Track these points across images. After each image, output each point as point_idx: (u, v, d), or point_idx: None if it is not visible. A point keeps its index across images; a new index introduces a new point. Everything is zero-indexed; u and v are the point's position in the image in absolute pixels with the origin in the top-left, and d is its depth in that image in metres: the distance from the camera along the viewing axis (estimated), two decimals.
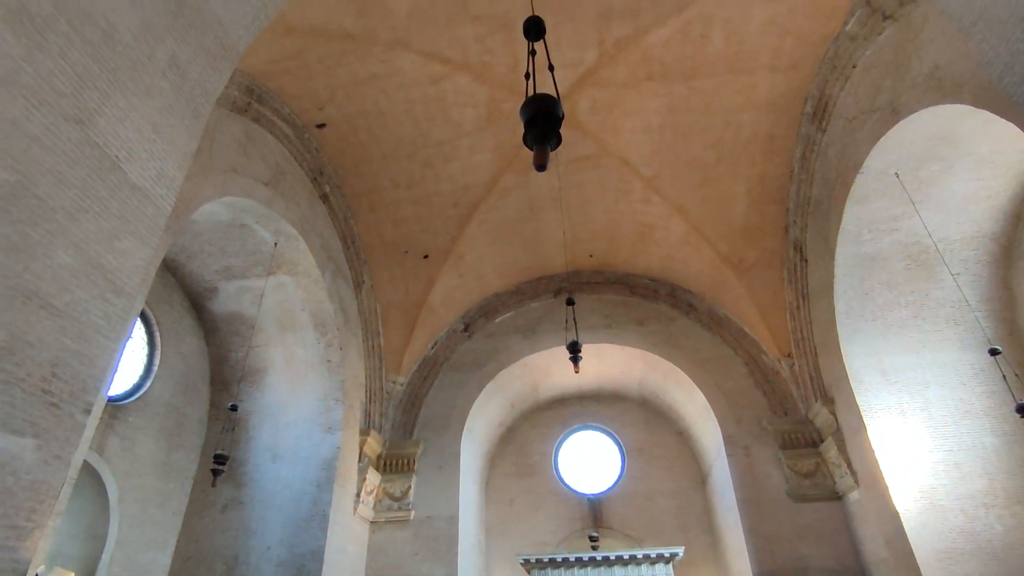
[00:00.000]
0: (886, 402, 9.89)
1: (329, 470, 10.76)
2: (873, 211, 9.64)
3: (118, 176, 3.98)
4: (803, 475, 11.39)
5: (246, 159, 9.38)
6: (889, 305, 10.34)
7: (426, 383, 13.70)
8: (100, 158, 3.86)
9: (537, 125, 2.96)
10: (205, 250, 10.74)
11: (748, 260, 12.71)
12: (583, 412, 16.17)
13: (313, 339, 11.65)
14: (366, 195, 12.41)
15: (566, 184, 12.46)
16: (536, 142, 2.95)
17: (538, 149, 2.93)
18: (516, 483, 15.58)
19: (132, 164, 4.12)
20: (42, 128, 3.51)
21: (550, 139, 2.98)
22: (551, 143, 3.01)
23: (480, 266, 13.80)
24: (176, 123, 4.67)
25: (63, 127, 3.65)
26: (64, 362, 3.27)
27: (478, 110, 10.92)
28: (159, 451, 10.26)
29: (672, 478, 15.10)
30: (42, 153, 3.47)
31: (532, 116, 2.99)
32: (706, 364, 13.12)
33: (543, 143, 2.93)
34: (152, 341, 10.70)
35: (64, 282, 3.41)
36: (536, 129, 2.95)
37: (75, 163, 3.65)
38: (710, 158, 11.67)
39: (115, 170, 3.96)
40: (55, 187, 3.48)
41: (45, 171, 3.43)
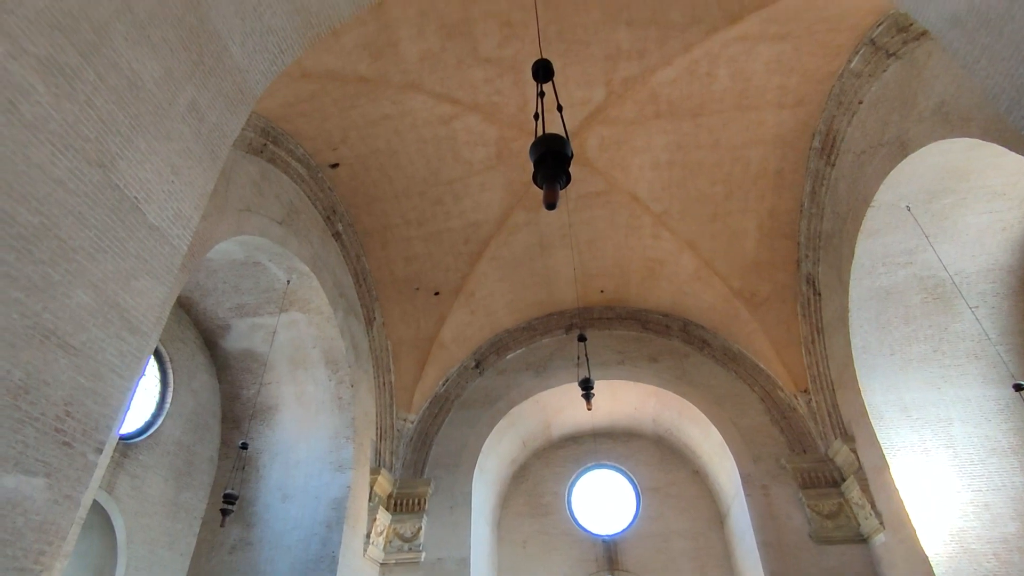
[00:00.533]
0: (908, 439, 9.63)
1: (339, 510, 10.59)
2: (886, 244, 9.59)
3: (137, 217, 4.07)
4: (825, 516, 11.03)
5: (261, 199, 9.56)
6: (907, 339, 10.17)
7: (437, 420, 13.57)
8: (120, 200, 3.95)
9: (546, 164, 3.00)
10: (219, 288, 10.86)
11: (760, 294, 12.63)
12: (596, 450, 15.89)
13: (324, 376, 11.64)
14: (378, 232, 12.56)
15: (576, 220, 12.55)
16: (546, 181, 2.99)
17: (548, 188, 2.96)
18: (529, 523, 15.24)
19: (150, 205, 4.21)
20: (66, 172, 3.61)
21: (559, 178, 3.02)
22: (561, 182, 3.05)
23: (491, 302, 13.82)
24: (194, 165, 4.79)
25: (86, 170, 3.76)
26: (78, 401, 3.28)
27: (488, 149, 11.11)
28: (168, 490, 10.18)
29: (689, 518, 14.69)
30: (65, 195, 3.56)
31: (542, 156, 3.04)
32: (721, 400, 12.90)
33: (553, 182, 2.97)
34: (165, 378, 10.74)
35: (81, 321, 3.45)
36: (546, 168, 3.00)
37: (96, 205, 3.74)
38: (719, 193, 11.74)
39: (134, 211, 4.05)
40: (76, 228, 3.56)
41: (67, 213, 3.52)
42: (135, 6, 4.39)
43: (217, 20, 5.36)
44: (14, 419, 2.92)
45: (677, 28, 9.15)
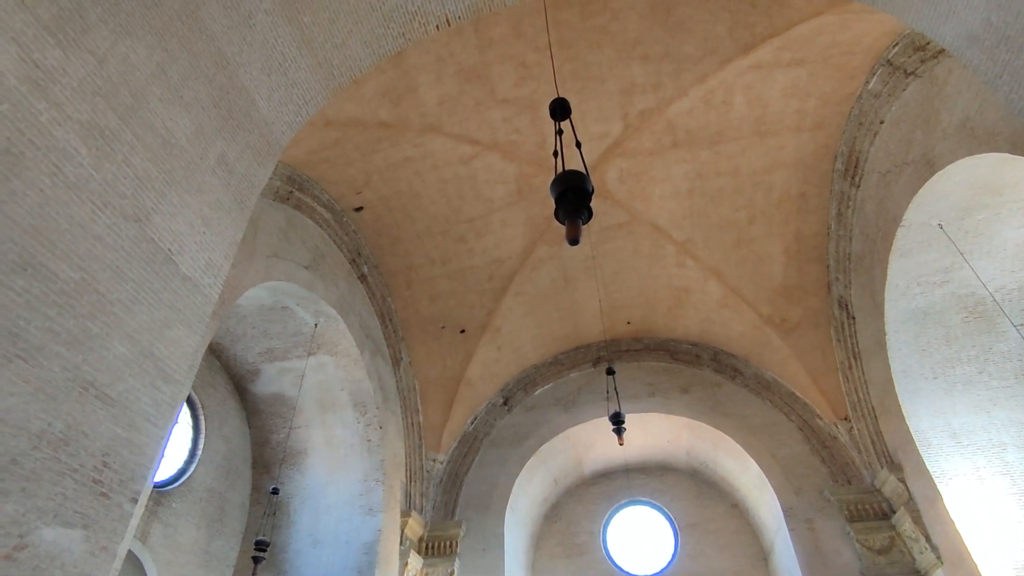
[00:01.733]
0: (960, 467, 9.19)
1: (370, 554, 10.44)
2: (920, 264, 9.35)
3: (170, 268, 4.18)
4: (877, 552, 10.48)
5: (287, 245, 9.77)
6: (950, 361, 9.80)
7: (466, 460, 13.41)
8: (155, 252, 4.07)
9: (568, 200, 3.02)
10: (248, 333, 11.04)
11: (791, 320, 12.36)
12: (630, 486, 15.48)
13: (352, 419, 11.64)
14: (402, 273, 12.70)
15: (599, 252, 12.54)
16: (567, 216, 3.00)
17: (570, 223, 2.97)
18: (564, 565, 14.79)
19: (183, 256, 4.33)
20: (105, 228, 3.74)
21: (581, 213, 3.04)
22: (582, 217, 3.06)
23: (517, 338, 13.77)
24: (223, 216, 4.93)
25: (123, 226, 3.89)
26: (115, 451, 3.32)
27: (508, 186, 11.25)
28: (201, 538, 10.17)
29: (730, 555, 14.11)
30: (104, 251, 3.68)
31: (563, 192, 3.06)
32: (757, 431, 12.52)
33: (575, 217, 2.98)
34: (197, 425, 10.85)
35: (118, 372, 3.52)
36: (567, 204, 3.01)
37: (132, 259, 3.85)
38: (742, 219, 11.65)
39: (168, 263, 4.16)
40: (114, 282, 3.67)
41: (106, 267, 3.63)
42: (169, 69, 4.61)
43: (245, 77, 5.60)
44: (54, 471, 2.96)
45: (691, 60, 9.26)
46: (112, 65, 4.01)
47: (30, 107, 3.38)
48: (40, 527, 2.85)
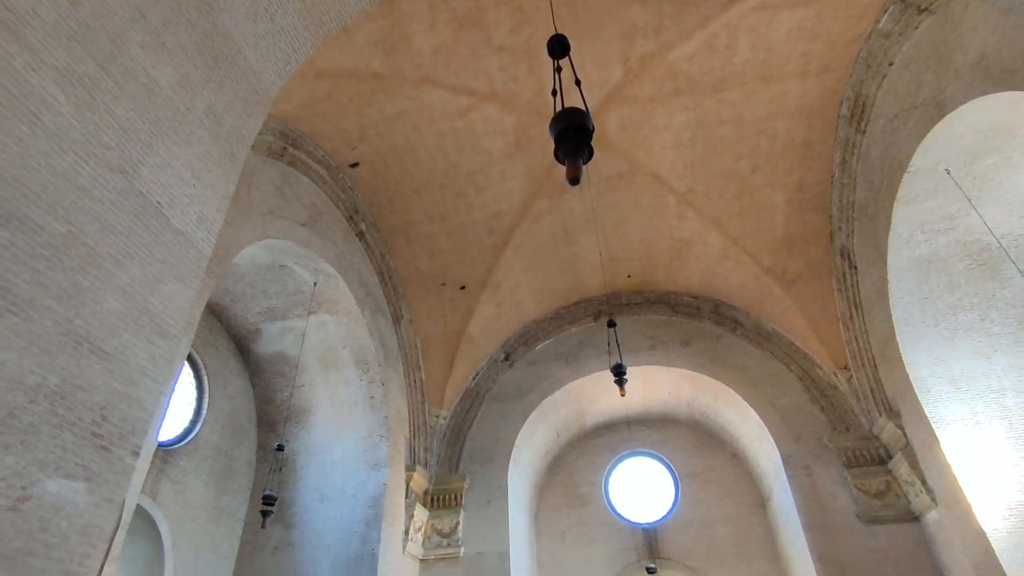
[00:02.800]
0: (958, 412, 9.27)
1: (377, 508, 10.66)
2: (925, 211, 9.21)
3: (161, 222, 4.07)
4: (873, 495, 10.70)
5: (283, 202, 9.61)
6: (952, 309, 9.77)
7: (469, 415, 13.56)
8: (144, 205, 3.95)
9: (568, 139, 2.89)
10: (248, 293, 10.99)
11: (793, 271, 12.29)
12: (631, 438, 15.72)
13: (355, 376, 11.70)
14: (401, 230, 12.56)
15: (599, 204, 12.37)
16: (568, 156, 2.88)
17: (570, 163, 2.85)
18: (567, 515, 15.16)
19: (174, 210, 4.21)
20: (90, 179, 3.62)
21: (582, 152, 2.91)
22: (583, 156, 2.93)
23: (517, 293, 13.73)
24: (214, 168, 4.79)
25: (109, 178, 3.76)
26: (113, 405, 3.29)
27: (507, 138, 11.00)
28: (210, 495, 10.36)
29: (730, 503, 14.44)
30: (91, 203, 3.57)
31: (562, 130, 2.93)
32: (757, 382, 12.61)
33: (575, 156, 2.86)
34: (200, 385, 10.92)
35: (112, 327, 3.46)
36: (567, 143, 2.89)
37: (121, 211, 3.74)
38: (745, 169, 11.44)
39: (158, 216, 4.05)
40: (103, 235, 3.57)
41: (93, 220, 3.53)
42: (149, 13, 4.39)
43: (230, 23, 5.35)
44: (53, 424, 2.93)
45: (693, 3, 8.90)
46: (87, 8, 3.81)
47: (2, 51, 3.22)
48: (42, 479, 2.84)
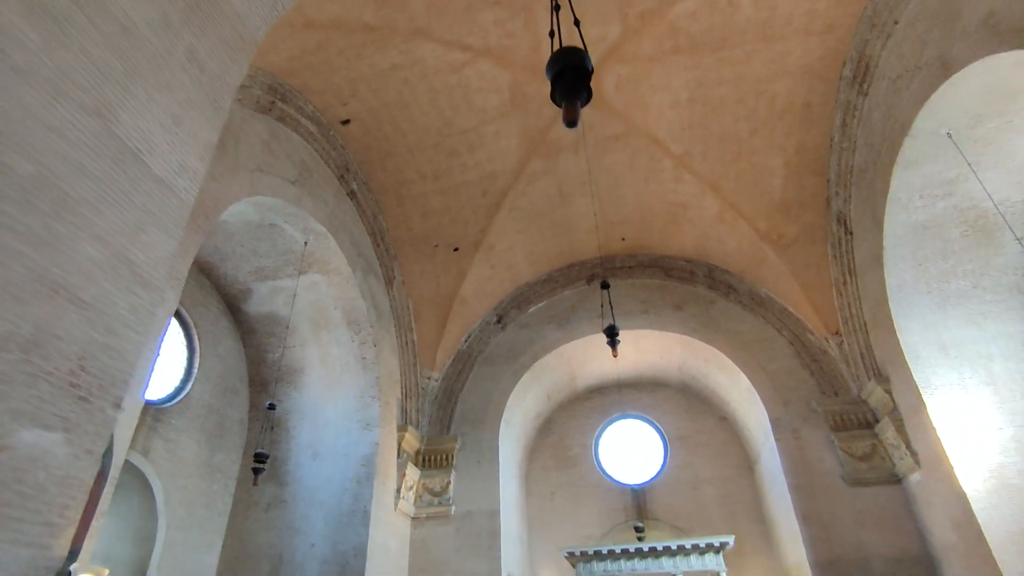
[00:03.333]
0: (947, 378, 9.35)
1: (368, 466, 10.74)
2: (924, 176, 9.10)
3: (140, 169, 3.91)
4: (858, 458, 10.87)
5: (272, 158, 9.38)
6: (945, 275, 9.77)
7: (461, 377, 13.59)
8: (122, 151, 3.79)
9: (565, 80, 2.75)
10: (237, 252, 10.81)
11: (788, 236, 12.22)
12: (622, 401, 15.86)
13: (347, 337, 11.65)
14: (393, 189, 12.34)
15: (595, 167, 12.17)
16: (565, 98, 2.74)
17: (568, 105, 2.71)
18: (557, 476, 15.39)
19: (154, 157, 4.05)
20: (63, 121, 3.45)
21: (580, 94, 2.77)
22: (581, 98, 2.79)
23: (511, 256, 13.61)
24: (197, 116, 4.60)
25: (84, 120, 3.59)
26: (92, 355, 3.19)
27: (501, 95, 10.72)
28: (202, 453, 10.39)
29: (718, 465, 14.68)
30: (64, 145, 3.41)
31: (560, 71, 2.78)
32: (749, 346, 12.67)
33: (572, 98, 2.72)
34: (191, 344, 10.84)
35: (90, 275, 3.34)
36: (564, 84, 2.74)
37: (97, 155, 3.58)
38: (743, 131, 11.23)
39: (137, 162, 3.89)
40: (77, 179, 3.42)
41: (67, 163, 3.37)
42: None
43: None
44: (26, 373, 2.84)
45: None
46: None
47: None
48: (18, 429, 2.76)
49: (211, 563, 10.20)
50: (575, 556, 12.28)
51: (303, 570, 9.97)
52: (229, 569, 10.26)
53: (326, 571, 9.85)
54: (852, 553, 10.18)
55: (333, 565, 9.87)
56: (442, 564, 11.56)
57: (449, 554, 11.65)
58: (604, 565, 12.14)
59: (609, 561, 12.13)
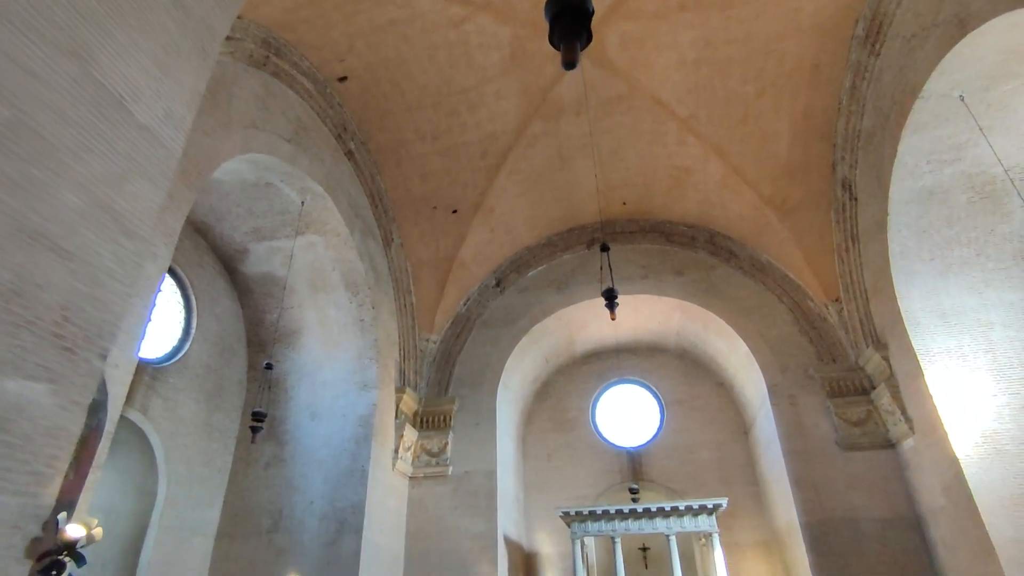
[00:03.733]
0: (945, 345, 9.33)
1: (367, 427, 10.83)
2: (933, 140, 8.90)
3: (123, 115, 3.77)
4: (853, 424, 10.95)
5: (266, 115, 9.16)
6: (949, 243, 9.66)
7: (459, 340, 13.61)
8: (103, 96, 3.64)
9: (564, 21, 2.60)
10: (233, 211, 10.67)
11: (792, 201, 12.05)
12: (620, 366, 15.92)
13: (345, 299, 11.60)
14: (392, 150, 12.12)
15: (597, 129, 11.92)
16: (563, 39, 2.59)
17: (566, 46, 2.57)
18: (554, 438, 15.56)
19: (138, 103, 3.90)
20: (39, 62, 3.30)
21: (580, 35, 2.62)
22: (581, 40, 2.65)
23: (510, 219, 13.46)
24: (182, 63, 4.43)
25: (61, 61, 3.44)
26: (76, 306, 3.12)
27: (502, 52, 10.42)
28: (201, 412, 10.45)
29: (713, 430, 14.82)
30: (40, 88, 3.27)
31: (559, 11, 2.64)
32: (748, 312, 12.64)
33: (572, 39, 2.58)
34: (188, 304, 10.79)
35: (72, 224, 3.24)
36: (563, 25, 2.60)
37: (76, 100, 3.44)
38: (750, 93, 10.96)
39: (120, 108, 3.75)
40: (56, 124, 3.29)
41: (44, 107, 3.24)
42: None
43: None
44: (8, 323, 2.77)
45: None
46: None
47: None
48: (1, 379, 2.71)
49: (212, 518, 10.37)
50: (570, 516, 12.49)
51: (302, 527, 10.15)
52: (230, 525, 10.44)
53: (325, 528, 10.02)
54: (842, 515, 10.35)
55: (332, 522, 10.04)
56: (439, 522, 11.76)
57: (446, 513, 11.84)
58: (599, 525, 12.36)
59: (603, 521, 12.34)
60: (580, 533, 12.40)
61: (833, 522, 10.33)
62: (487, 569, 11.24)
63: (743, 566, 13.03)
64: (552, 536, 14.28)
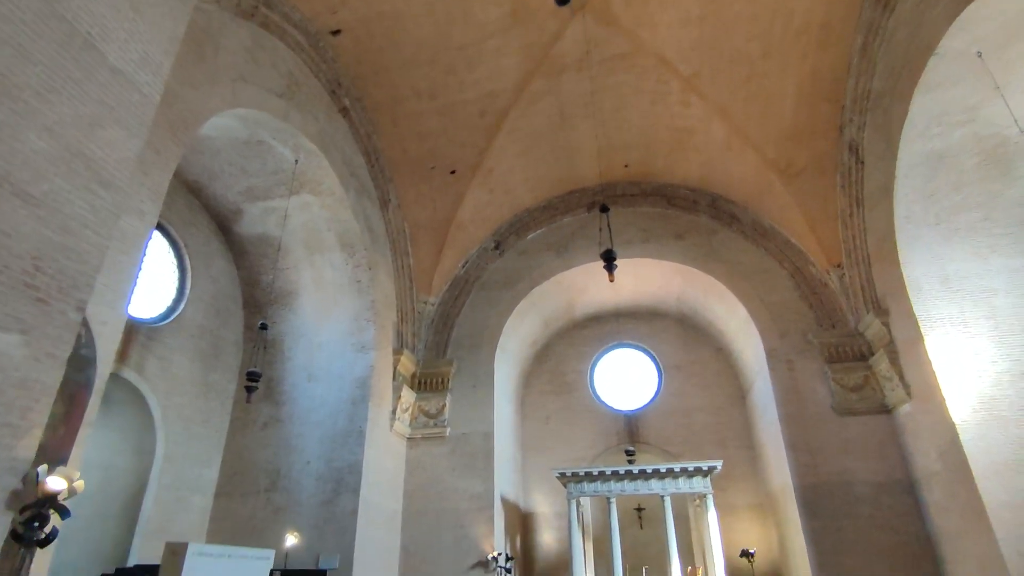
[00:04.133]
0: (947, 311, 9.23)
1: (364, 388, 10.83)
2: (946, 101, 8.62)
3: (94, 56, 3.57)
4: (850, 389, 10.94)
5: (256, 68, 8.87)
6: (956, 208, 9.47)
7: (457, 302, 13.53)
8: (70, 34, 3.44)
9: None
10: (226, 170, 10.45)
11: (796, 165, 11.79)
12: (619, 330, 15.89)
13: (341, 260, 11.48)
14: (388, 108, 11.81)
15: (599, 88, 11.58)
16: None
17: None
18: (552, 400, 15.63)
19: (109, 44, 3.69)
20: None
21: None
22: None
23: (510, 180, 13.22)
24: (158, 4, 4.20)
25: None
26: (48, 256, 3.00)
27: (502, 7, 10.04)
28: (197, 371, 10.44)
29: (710, 394, 14.87)
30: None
31: None
32: (749, 277, 12.51)
33: None
34: (182, 264, 10.68)
35: (39, 169, 3.09)
36: None
37: (39, 36, 3.24)
38: (756, 52, 10.60)
39: (89, 49, 3.55)
40: (18, 62, 3.10)
41: (3, 42, 3.04)
42: None
43: None
44: None
45: None
46: None
47: None
48: None
49: (211, 477, 10.47)
50: (566, 477, 12.62)
51: (300, 486, 10.24)
52: (228, 483, 10.54)
53: (322, 487, 10.12)
54: (836, 478, 10.43)
55: (329, 482, 10.13)
56: (437, 482, 11.89)
57: (444, 473, 11.96)
58: (595, 486, 12.49)
59: (599, 482, 12.47)
60: (576, 493, 12.55)
61: (827, 485, 10.42)
62: (484, 528, 11.41)
63: (737, 527, 13.22)
64: (549, 496, 14.48)
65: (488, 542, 11.28)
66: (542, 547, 14.23)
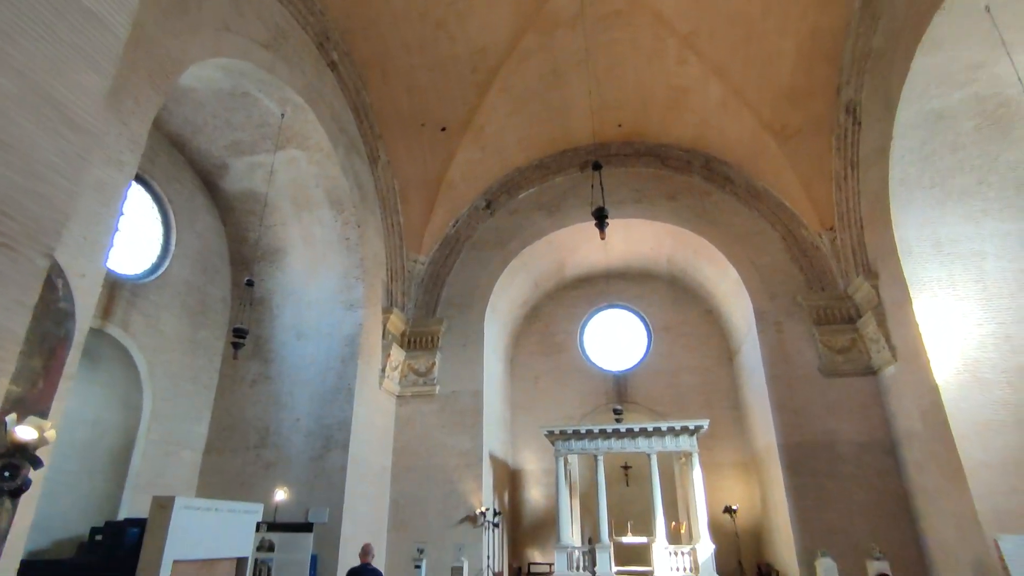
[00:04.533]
0: (936, 275, 9.25)
1: (352, 346, 10.82)
2: (947, 60, 8.43)
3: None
4: (836, 351, 11.06)
5: (239, 17, 8.52)
6: (951, 170, 9.39)
7: (448, 262, 13.44)
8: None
9: None
10: (210, 123, 10.16)
11: (792, 126, 11.61)
12: (609, 291, 15.90)
13: (329, 217, 11.31)
14: (377, 62, 11.45)
15: (593, 45, 11.27)
16: None
17: None
18: (542, 360, 15.74)
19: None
20: None
21: None
22: None
23: (501, 138, 12.97)
24: None
25: None
26: (13, 200, 2.88)
27: None
28: (184, 328, 10.37)
29: (699, 355, 15.01)
30: None
31: None
32: (741, 239, 12.47)
33: None
34: (166, 220, 10.48)
35: (6, 111, 2.94)
36: None
37: None
38: (755, 10, 10.31)
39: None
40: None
41: None
42: None
43: None
44: None
45: None
46: None
47: None
48: None
49: (200, 433, 10.52)
50: (554, 435, 12.79)
51: (289, 442, 10.32)
52: (218, 439, 10.60)
53: (311, 443, 10.20)
54: (820, 438, 10.63)
55: (318, 438, 10.21)
56: (426, 439, 12.03)
57: (433, 430, 12.09)
58: (582, 443, 12.69)
59: (587, 440, 12.67)
60: (564, 451, 12.75)
61: (811, 445, 10.62)
62: (472, 484, 11.60)
63: (721, 484, 13.53)
64: (537, 454, 14.72)
65: (476, 497, 11.49)
66: (530, 503, 14.54)
